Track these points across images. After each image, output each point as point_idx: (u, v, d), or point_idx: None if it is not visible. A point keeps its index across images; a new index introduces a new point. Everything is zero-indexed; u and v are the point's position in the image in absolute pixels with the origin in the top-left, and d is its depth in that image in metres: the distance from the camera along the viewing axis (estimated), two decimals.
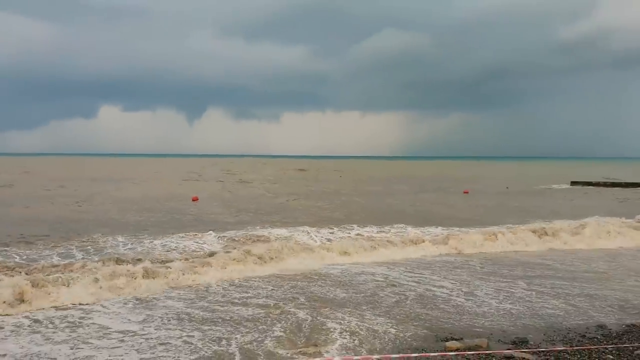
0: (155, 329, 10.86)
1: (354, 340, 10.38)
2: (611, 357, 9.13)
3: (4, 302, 11.92)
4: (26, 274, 14.20)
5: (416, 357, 8.92)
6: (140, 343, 10.02)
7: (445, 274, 16.78)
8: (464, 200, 45.30)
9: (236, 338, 10.38)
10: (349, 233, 23.81)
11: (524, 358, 9.10)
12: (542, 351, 9.36)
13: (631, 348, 9.49)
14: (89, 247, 19.22)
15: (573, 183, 67.85)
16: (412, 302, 13.29)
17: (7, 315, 11.61)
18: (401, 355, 8.70)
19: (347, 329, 11.02)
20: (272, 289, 14.42)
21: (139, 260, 16.25)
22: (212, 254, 17.71)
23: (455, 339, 10.44)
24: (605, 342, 10.17)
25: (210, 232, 22.53)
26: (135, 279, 14.11)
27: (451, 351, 9.53)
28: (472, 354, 9.14)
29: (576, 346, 9.83)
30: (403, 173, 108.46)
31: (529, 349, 9.73)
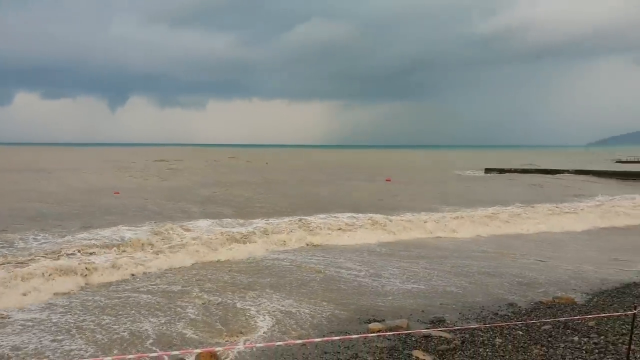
0: (72, 316, 10.45)
1: (278, 325, 10.45)
2: (521, 332, 9.70)
3: None
4: None
5: (339, 339, 9.09)
6: (53, 328, 9.59)
7: (370, 259, 17.19)
8: (386, 188, 46.45)
9: (151, 321, 10.17)
10: (275, 221, 23.80)
11: (441, 336, 9.50)
12: (458, 329, 9.81)
13: (538, 324, 10.14)
14: None
15: (487, 170, 71.41)
16: (336, 287, 13.52)
17: None
18: (325, 338, 8.84)
19: (271, 315, 11.06)
20: (189, 277, 14.22)
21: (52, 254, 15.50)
22: (130, 244, 17.21)
23: (378, 321, 10.75)
24: (515, 319, 10.81)
25: (122, 226, 21.68)
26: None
27: (373, 332, 9.79)
28: (393, 335, 9.43)
29: (489, 323, 10.39)
30: (330, 162, 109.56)
31: (446, 327, 10.17)
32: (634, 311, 6.00)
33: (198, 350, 8.74)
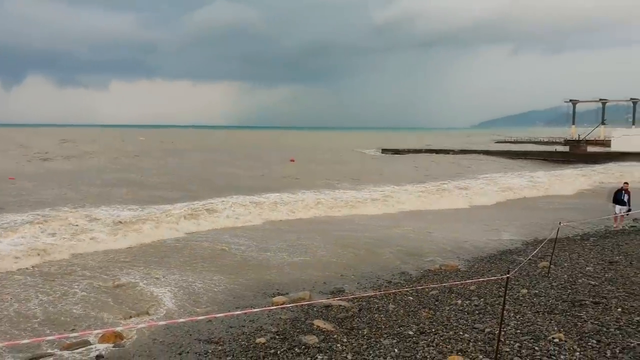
0: None
1: (183, 303, 10.61)
2: (411, 298, 10.58)
3: None
4: None
5: (243, 313, 9.42)
6: None
7: (273, 236, 17.61)
8: (291, 167, 47.02)
9: (46, 304, 9.94)
10: (182, 204, 23.52)
11: (340, 305, 10.14)
12: (356, 298, 10.51)
13: (427, 289, 11.09)
14: None
15: (384, 150, 74.69)
16: (243, 265, 13.83)
17: None
18: (228, 313, 9.12)
19: (176, 294, 11.18)
20: (84, 264, 13.90)
21: None
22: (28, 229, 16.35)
23: (282, 294, 11.23)
24: (406, 286, 11.74)
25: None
26: None
27: (277, 305, 10.23)
28: (295, 306, 9.92)
29: (383, 291, 11.21)
30: (235, 143, 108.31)
31: (345, 297, 10.84)
32: (507, 275, 6.86)
33: (100, 331, 8.71)
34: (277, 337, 8.47)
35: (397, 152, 74.10)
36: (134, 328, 9.04)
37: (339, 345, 7.77)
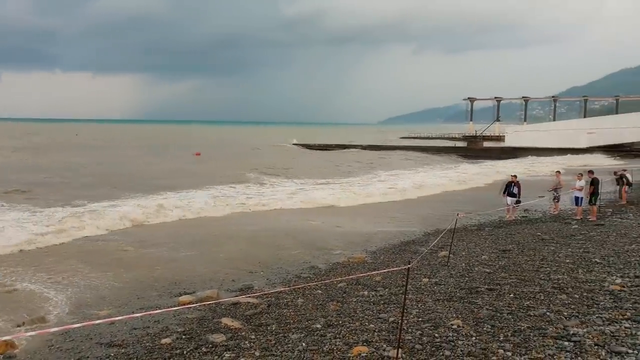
0: None
1: (86, 306, 10.10)
2: (320, 291, 10.71)
3: None
4: None
5: (146, 314, 9.09)
6: None
7: (181, 235, 17.17)
8: (195, 162, 46.00)
9: None
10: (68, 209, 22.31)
11: (249, 302, 10.07)
12: (265, 294, 10.48)
13: (335, 282, 11.28)
14: None
15: (296, 144, 75.54)
16: (148, 265, 13.37)
17: None
18: (127, 316, 8.76)
19: (76, 296, 10.63)
20: None
21: None
22: None
23: (188, 293, 10.97)
24: (315, 279, 11.88)
25: None
26: None
27: (183, 305, 9.96)
28: (201, 305, 9.72)
29: (292, 286, 11.27)
30: (140, 136, 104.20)
31: (254, 293, 10.78)
32: (409, 265, 7.11)
33: None
34: (184, 337, 8.27)
35: (308, 146, 74.88)
36: (25, 336, 8.44)
37: (246, 342, 7.71)
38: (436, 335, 7.26)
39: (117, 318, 6.85)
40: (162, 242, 16.09)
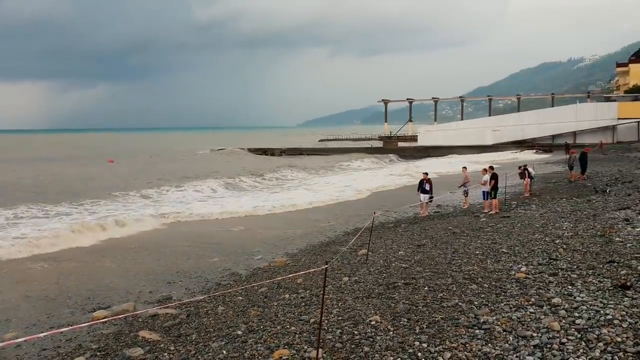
0: None
1: None
2: (241, 298, 10.62)
3: None
4: None
5: (49, 334, 8.58)
6: None
7: (94, 249, 16.40)
8: (107, 169, 44.17)
9: None
10: None
11: (167, 313, 9.80)
12: (183, 303, 10.24)
13: (256, 287, 11.21)
14: None
15: (212, 150, 74.71)
16: (55, 280, 12.66)
17: None
18: (33, 336, 8.26)
19: None
20: None
21: None
22: None
23: (103, 308, 10.51)
24: (236, 286, 11.76)
25: None
26: None
27: (96, 320, 9.53)
28: (117, 319, 9.34)
29: (212, 294, 11.09)
30: (44, 147, 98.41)
31: (172, 303, 10.51)
32: (326, 265, 7.21)
33: None
34: (99, 353, 7.93)
35: (265, 151, 74.54)
36: None
37: (165, 354, 7.51)
38: (355, 332, 7.41)
39: (21, 339, 6.43)
40: (72, 256, 15.30)
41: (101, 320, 8.69)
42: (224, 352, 7.30)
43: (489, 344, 6.48)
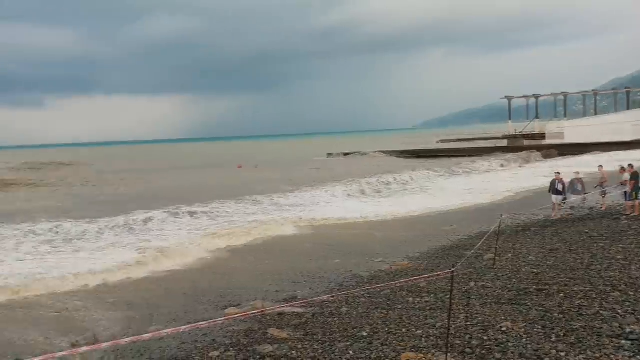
0: None
1: (133, 322, 10.33)
2: (364, 299, 10.66)
3: None
4: None
5: (188, 328, 9.17)
6: None
7: (218, 252, 17.40)
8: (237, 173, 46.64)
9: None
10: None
11: (294, 312, 10.10)
12: (309, 303, 10.48)
13: (379, 289, 11.20)
14: None
15: (329, 155, 75.74)
16: (190, 278, 13.58)
17: None
18: (174, 329, 8.87)
19: (122, 314, 10.86)
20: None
21: None
22: None
23: (234, 305, 11.08)
24: (358, 287, 11.82)
25: None
26: None
27: (229, 317, 10.07)
28: (247, 316, 9.77)
29: (336, 294, 11.23)
30: (183, 156, 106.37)
31: (298, 303, 10.80)
32: (453, 269, 7.02)
33: (40, 358, 8.29)
34: (232, 349, 8.35)
35: (346, 154, 74.54)
36: (79, 352, 8.68)
37: (294, 352, 7.73)
38: (485, 338, 7.12)
39: (165, 331, 6.95)
40: (204, 255, 16.31)
41: (233, 316, 9.14)
42: (350, 352, 7.36)
43: (638, 356, 5.90)
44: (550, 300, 8.58)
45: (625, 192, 18.40)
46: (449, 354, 6.54)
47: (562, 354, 6.25)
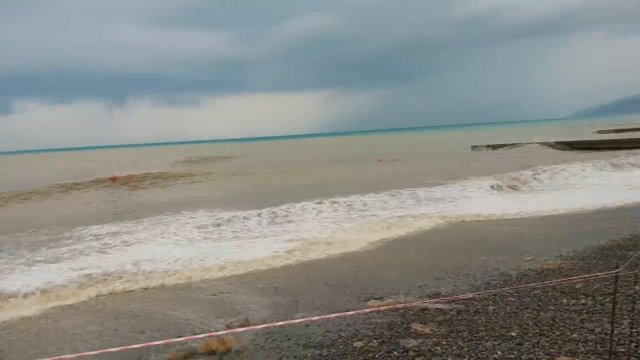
0: None
1: (279, 308, 10.90)
2: (512, 299, 10.19)
3: None
4: None
5: (335, 317, 9.46)
6: None
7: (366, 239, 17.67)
8: (377, 167, 46.90)
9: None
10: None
11: (437, 308, 9.97)
12: (454, 300, 10.28)
13: (529, 288, 10.63)
14: None
15: (473, 147, 72.49)
16: (337, 273, 13.98)
17: None
18: (321, 316, 9.25)
19: (270, 300, 11.49)
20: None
21: None
22: None
23: (376, 298, 11.21)
24: (506, 286, 11.31)
25: None
26: None
27: (372, 308, 10.22)
28: (391, 310, 9.86)
29: (482, 292, 10.87)
30: (328, 149, 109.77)
31: (442, 299, 10.63)
32: (617, 270, 6.44)
33: (203, 336, 9.08)
34: (375, 341, 8.47)
35: (492, 147, 70.38)
36: (237, 331, 9.38)
37: (438, 348, 7.64)
38: None
39: (313, 318, 7.27)
40: (347, 249, 16.66)
41: (377, 308, 9.28)
42: (499, 352, 7.09)
43: None
44: None
45: None
46: None
47: None
